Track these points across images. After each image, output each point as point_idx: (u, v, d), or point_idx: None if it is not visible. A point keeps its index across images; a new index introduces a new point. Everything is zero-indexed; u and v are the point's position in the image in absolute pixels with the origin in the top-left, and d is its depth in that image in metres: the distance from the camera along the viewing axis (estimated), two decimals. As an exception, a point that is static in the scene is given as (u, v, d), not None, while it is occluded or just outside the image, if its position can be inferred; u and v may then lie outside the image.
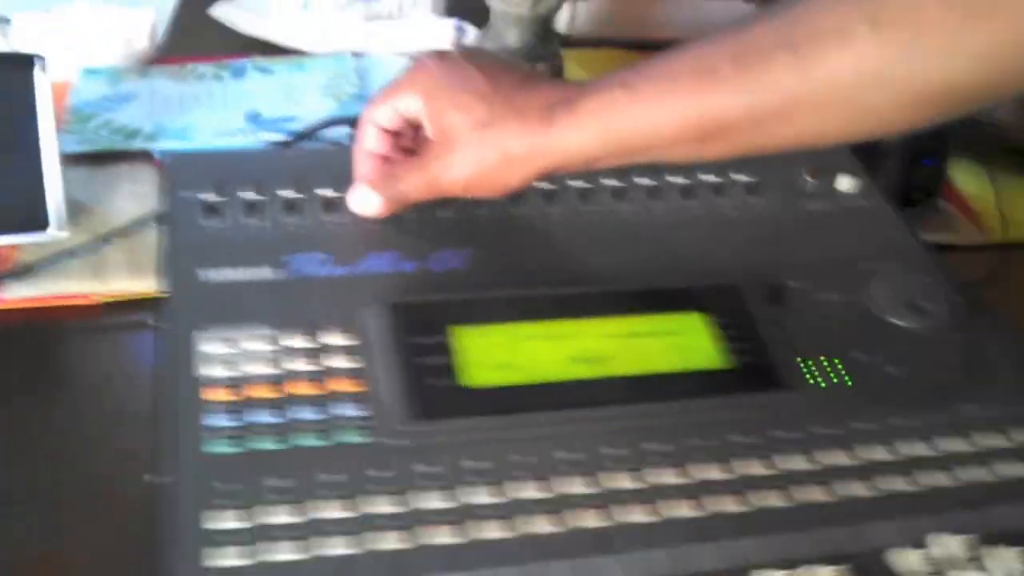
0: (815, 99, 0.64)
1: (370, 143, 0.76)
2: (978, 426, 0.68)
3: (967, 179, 1.11)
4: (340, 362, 0.65)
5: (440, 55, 0.74)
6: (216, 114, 1.05)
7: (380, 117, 0.75)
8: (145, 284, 0.84)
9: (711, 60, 0.66)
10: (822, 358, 0.71)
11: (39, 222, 0.86)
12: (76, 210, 0.90)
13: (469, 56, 0.74)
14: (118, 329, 0.83)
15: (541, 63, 0.95)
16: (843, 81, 0.63)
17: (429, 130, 0.72)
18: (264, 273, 0.71)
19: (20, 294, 0.84)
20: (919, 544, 0.61)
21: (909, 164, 1.00)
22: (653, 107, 0.67)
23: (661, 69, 0.68)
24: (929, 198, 1.04)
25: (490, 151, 0.70)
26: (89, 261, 0.86)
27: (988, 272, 0.95)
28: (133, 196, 0.94)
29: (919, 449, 0.66)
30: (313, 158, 0.85)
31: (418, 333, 0.66)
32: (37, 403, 0.75)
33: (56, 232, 0.86)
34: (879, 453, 0.66)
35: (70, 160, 0.97)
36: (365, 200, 0.75)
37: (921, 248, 0.82)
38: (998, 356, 0.74)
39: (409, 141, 0.77)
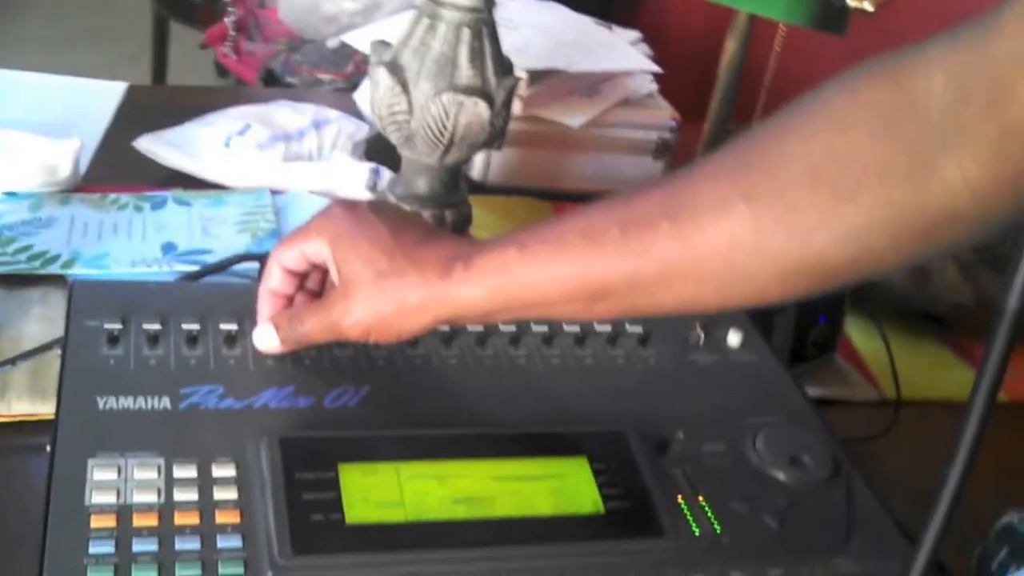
0: (693, 267, 0.67)
1: (275, 283, 0.79)
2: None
3: (862, 337, 1.15)
4: (227, 494, 0.67)
5: (348, 206, 0.77)
6: (133, 244, 1.07)
7: (287, 259, 0.78)
8: (47, 407, 0.84)
9: (600, 225, 0.69)
10: (703, 506, 0.73)
11: (-54, 343, 0.87)
12: (-16, 331, 0.91)
13: (376, 209, 0.77)
14: (15, 451, 0.83)
15: (449, 209, 0.99)
16: (719, 251, 0.66)
17: (333, 275, 0.75)
18: (160, 403, 0.72)
19: (-82, 413, 0.84)
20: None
21: (805, 321, 1.03)
22: (543, 267, 0.70)
23: (554, 231, 0.71)
24: (824, 354, 1.07)
25: (388, 300, 0.72)
26: (-8, 381, 0.87)
27: (881, 428, 0.98)
28: (43, 320, 0.95)
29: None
30: (218, 292, 0.87)
31: (305, 468, 0.68)
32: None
33: (-38, 354, 0.87)
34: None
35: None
36: (267, 338, 0.77)
37: (807, 404, 0.85)
38: (874, 511, 0.77)
39: (315, 283, 0.81)
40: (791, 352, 1.03)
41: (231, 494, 0.67)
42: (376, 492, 0.68)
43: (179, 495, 0.66)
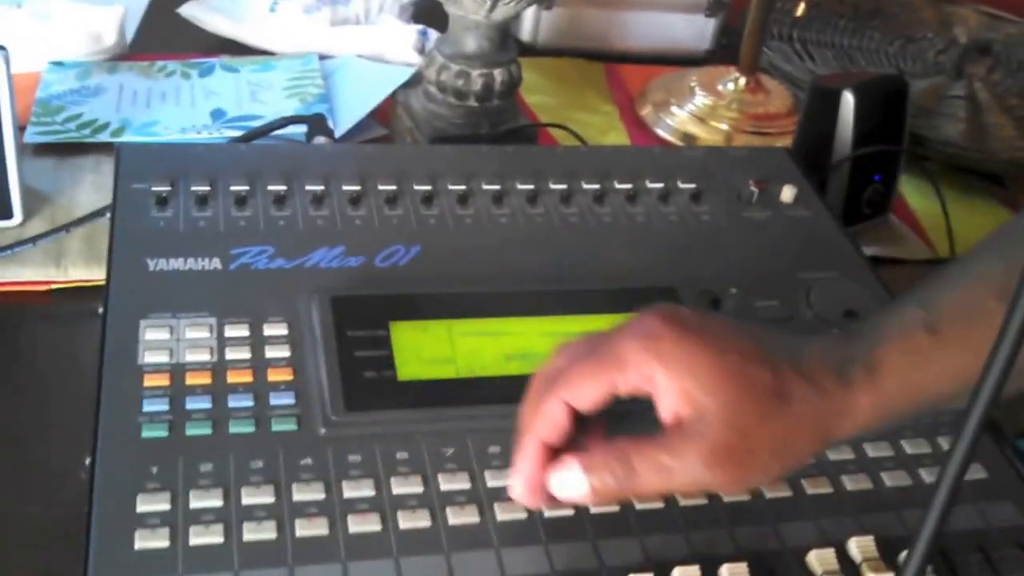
0: None
1: (553, 430, 0.57)
2: (906, 433, 0.70)
3: (916, 196, 1.13)
4: (279, 352, 0.67)
5: (667, 314, 0.57)
6: (182, 111, 1.07)
7: (584, 396, 0.56)
8: (102, 273, 0.85)
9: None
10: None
11: (3, 209, 0.88)
12: (39, 200, 0.92)
13: (703, 313, 0.61)
14: (72, 316, 0.84)
15: (498, 68, 0.97)
16: None
17: (674, 410, 0.55)
18: (211, 264, 0.72)
19: (-22, 279, 0.85)
20: (835, 544, 0.62)
21: (859, 180, 1.02)
22: (966, 353, 0.54)
23: (963, 299, 0.59)
24: (878, 214, 1.06)
25: (779, 424, 0.55)
26: (49, 249, 0.88)
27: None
28: (95, 188, 0.95)
29: (844, 453, 0.68)
30: (267, 154, 0.86)
31: (357, 326, 0.68)
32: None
33: (19, 220, 0.87)
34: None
35: (35, 151, 0.99)
36: (574, 486, 0.56)
37: (861, 260, 0.84)
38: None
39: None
40: (845, 211, 1.01)
41: (283, 352, 0.67)
42: (428, 349, 0.68)
43: (231, 354, 0.67)
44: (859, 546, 0.62)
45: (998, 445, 0.70)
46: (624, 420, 0.57)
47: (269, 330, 0.68)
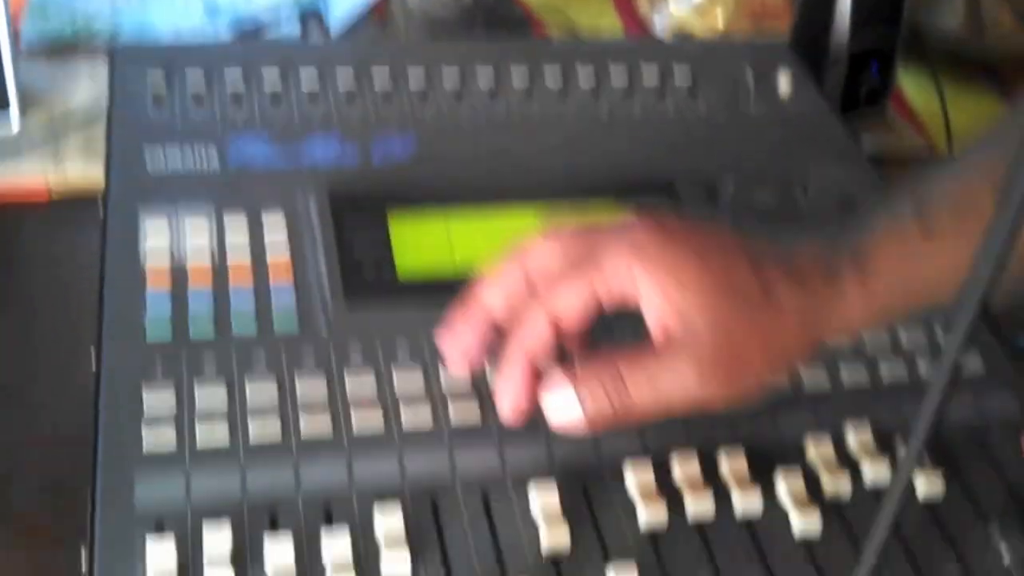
0: None
1: (538, 343, 0.55)
2: (906, 324, 0.70)
3: (914, 89, 1.12)
4: (279, 250, 0.67)
5: (652, 221, 0.56)
6: (176, 9, 1.05)
7: (568, 306, 0.54)
8: (100, 172, 0.85)
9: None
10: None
11: (-2, 105, 0.87)
12: (34, 100, 0.92)
13: (691, 221, 0.58)
14: (71, 218, 0.84)
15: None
16: None
17: (662, 322, 0.54)
18: (208, 161, 0.72)
19: (-25, 179, 0.85)
20: (834, 435, 0.63)
21: (857, 70, 1.01)
22: (959, 249, 0.50)
23: (957, 193, 0.58)
24: (876, 105, 1.05)
25: (769, 329, 0.54)
26: (46, 149, 0.88)
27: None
28: (91, 88, 0.94)
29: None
30: (261, 52, 0.85)
31: (356, 223, 0.68)
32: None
33: (15, 117, 0.87)
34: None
35: (29, 51, 0.98)
36: (567, 409, 0.54)
37: (858, 152, 0.84)
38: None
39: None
40: (842, 102, 1.01)
41: (283, 250, 0.67)
42: (428, 246, 0.68)
43: (232, 252, 0.66)
44: (856, 436, 0.63)
45: (997, 340, 0.70)
46: (609, 335, 0.57)
47: (268, 227, 0.68)
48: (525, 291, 0.56)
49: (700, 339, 0.52)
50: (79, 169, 0.87)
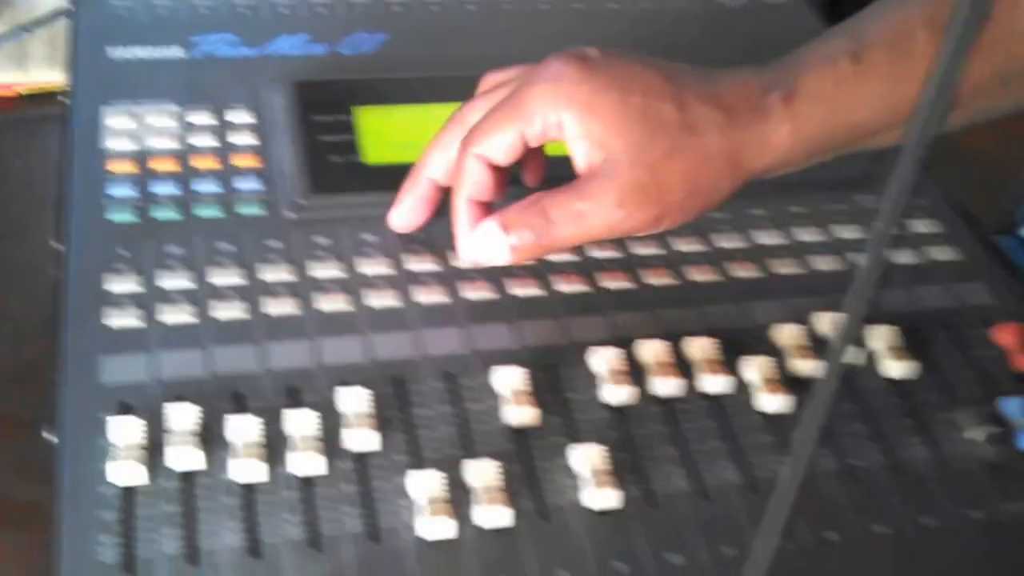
0: None
1: (476, 187, 0.57)
2: (874, 214, 0.70)
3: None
4: (243, 138, 0.67)
5: (575, 56, 0.56)
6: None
7: (495, 148, 0.56)
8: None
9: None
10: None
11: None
12: (-3, 1, 0.90)
13: (614, 54, 0.57)
14: (38, 120, 0.83)
15: None
16: None
17: (580, 156, 0.55)
18: (172, 52, 0.71)
19: (-61, 82, 0.84)
20: (802, 321, 0.62)
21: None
22: (888, 84, 0.56)
23: (889, 30, 0.58)
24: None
25: (686, 165, 0.55)
26: (11, 53, 0.86)
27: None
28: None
29: (815, 235, 0.68)
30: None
31: (321, 111, 0.67)
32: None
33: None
34: (772, 238, 0.67)
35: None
36: (488, 245, 0.56)
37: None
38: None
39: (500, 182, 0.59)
40: (828, 7, 0.99)
41: (247, 139, 0.67)
42: (395, 134, 0.67)
43: (196, 140, 0.66)
44: (827, 321, 0.62)
45: (972, 232, 0.70)
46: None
47: (233, 117, 0.68)
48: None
49: (619, 168, 0.54)
50: (44, 71, 0.85)
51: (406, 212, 0.62)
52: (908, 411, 0.59)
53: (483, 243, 0.56)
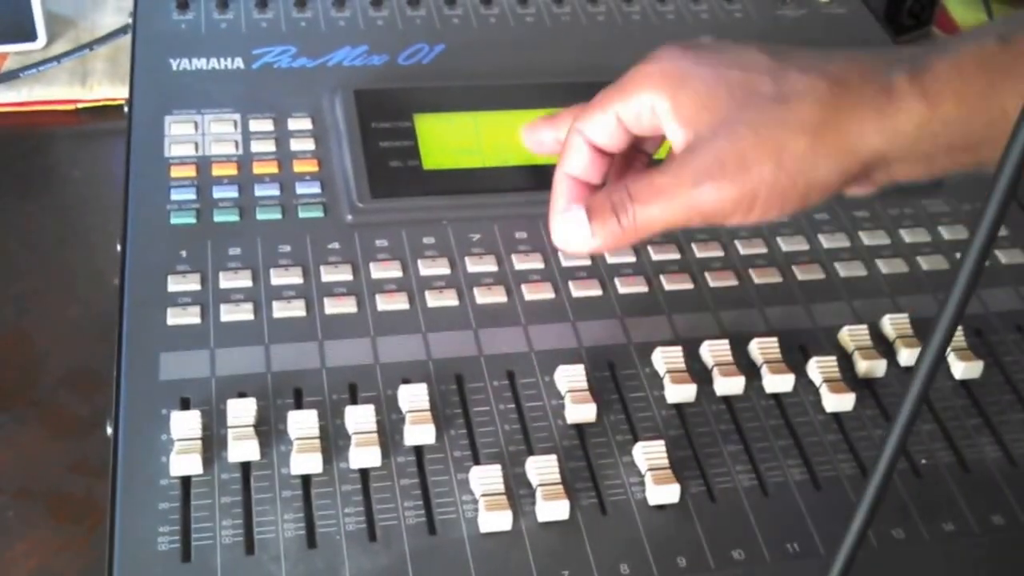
0: None
1: (578, 166, 0.56)
2: (942, 220, 0.69)
3: (962, 8, 1.10)
4: (303, 144, 0.67)
5: (687, 42, 0.54)
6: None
7: (597, 129, 0.54)
8: (127, 90, 0.85)
9: None
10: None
11: (26, 32, 0.87)
12: (62, 23, 0.92)
13: (728, 40, 0.54)
14: (99, 134, 0.85)
15: None
16: None
17: (677, 137, 0.52)
18: (233, 64, 0.72)
19: (7, 99, 0.85)
20: (873, 324, 0.61)
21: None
22: None
23: None
24: (920, 26, 1.03)
25: (776, 130, 0.49)
26: (74, 70, 0.88)
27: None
28: (118, 11, 0.94)
29: (880, 238, 0.67)
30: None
31: (381, 118, 0.67)
32: (20, 200, 0.77)
33: (43, 42, 0.88)
34: (840, 241, 0.66)
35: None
36: (575, 231, 0.53)
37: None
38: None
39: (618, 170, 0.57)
40: (886, 19, 0.99)
41: (308, 145, 0.67)
42: (453, 140, 0.68)
43: (256, 147, 0.67)
44: (893, 323, 0.61)
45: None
46: None
47: (293, 124, 0.68)
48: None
49: (701, 142, 0.50)
50: (106, 87, 0.87)
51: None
52: (976, 411, 0.58)
53: (568, 227, 0.53)
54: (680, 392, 0.56)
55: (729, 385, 0.56)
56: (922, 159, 0.50)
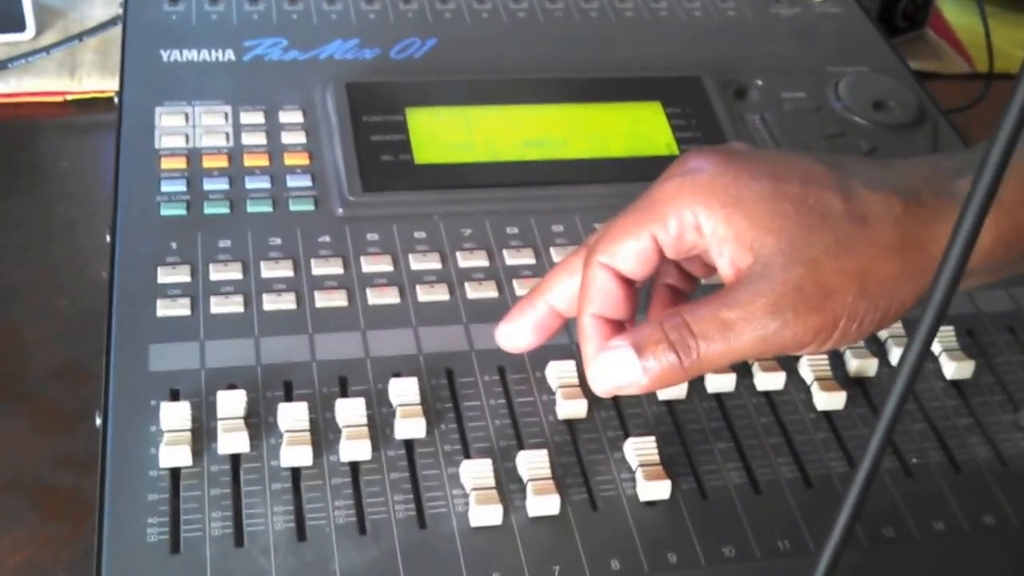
0: None
1: (604, 304, 0.49)
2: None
3: (955, 10, 1.10)
4: (294, 137, 0.67)
5: (712, 152, 0.49)
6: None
7: (625, 257, 0.48)
8: (116, 82, 0.84)
9: None
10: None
11: (16, 22, 0.87)
12: (51, 14, 0.91)
13: (766, 148, 0.50)
14: (87, 126, 0.84)
15: None
16: None
17: (730, 259, 0.47)
18: (224, 55, 0.72)
19: (-5, 90, 0.85)
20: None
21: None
22: None
23: None
24: (914, 28, 1.03)
25: (859, 253, 0.45)
26: (63, 61, 0.87)
27: (973, 100, 0.94)
28: (108, 2, 0.94)
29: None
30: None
31: (373, 112, 0.67)
32: (7, 192, 0.76)
33: (32, 33, 0.87)
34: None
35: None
36: (628, 370, 0.47)
37: (893, 55, 0.82)
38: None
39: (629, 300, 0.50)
40: (880, 20, 0.99)
41: (299, 138, 0.67)
42: (445, 135, 0.67)
43: (247, 139, 0.66)
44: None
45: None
46: None
47: (284, 117, 0.68)
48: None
49: (772, 269, 0.45)
50: (95, 79, 0.86)
51: (515, 333, 0.53)
52: (967, 411, 0.58)
53: (614, 369, 0.47)
54: (671, 389, 0.55)
55: (720, 382, 0.56)
56: (992, 270, 0.48)
